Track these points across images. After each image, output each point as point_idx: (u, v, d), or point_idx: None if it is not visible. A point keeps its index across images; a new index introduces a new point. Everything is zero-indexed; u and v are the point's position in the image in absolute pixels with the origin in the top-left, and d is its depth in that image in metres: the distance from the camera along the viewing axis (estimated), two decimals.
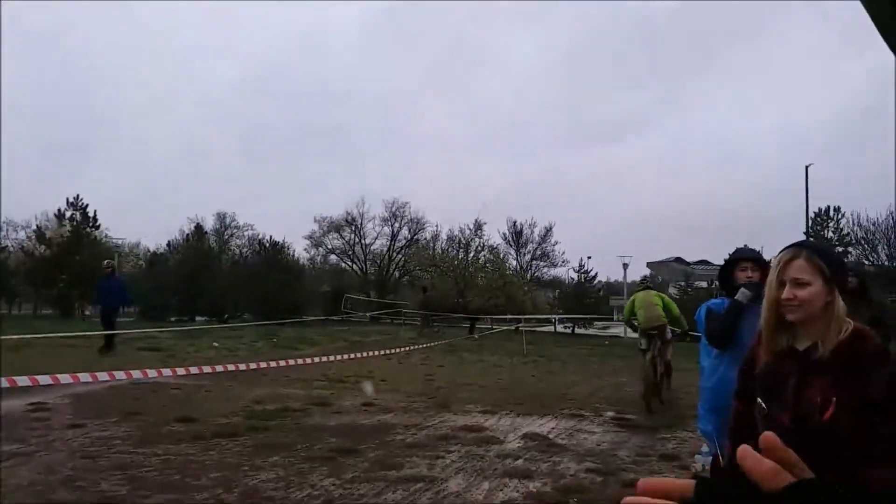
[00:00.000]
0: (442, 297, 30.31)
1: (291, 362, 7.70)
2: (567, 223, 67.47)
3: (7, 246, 38.75)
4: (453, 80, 72.29)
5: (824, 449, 1.73)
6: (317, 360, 8.19)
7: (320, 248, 45.48)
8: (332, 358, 8.31)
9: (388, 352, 9.63)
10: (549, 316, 29.70)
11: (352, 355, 8.68)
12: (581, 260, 37.82)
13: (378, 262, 46.36)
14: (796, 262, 1.88)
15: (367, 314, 30.47)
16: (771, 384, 1.94)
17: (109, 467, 5.03)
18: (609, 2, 74.73)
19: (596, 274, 38.44)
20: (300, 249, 43.51)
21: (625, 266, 34.03)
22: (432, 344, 12.57)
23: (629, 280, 37.15)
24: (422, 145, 67.11)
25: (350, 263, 46.56)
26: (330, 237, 45.14)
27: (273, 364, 7.65)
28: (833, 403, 1.76)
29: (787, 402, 1.87)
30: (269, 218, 63.43)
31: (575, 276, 38.37)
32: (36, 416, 6.92)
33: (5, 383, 5.36)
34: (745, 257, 3.52)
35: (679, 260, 44.61)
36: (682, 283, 33.32)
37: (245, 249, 41.16)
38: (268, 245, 38.80)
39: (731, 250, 3.87)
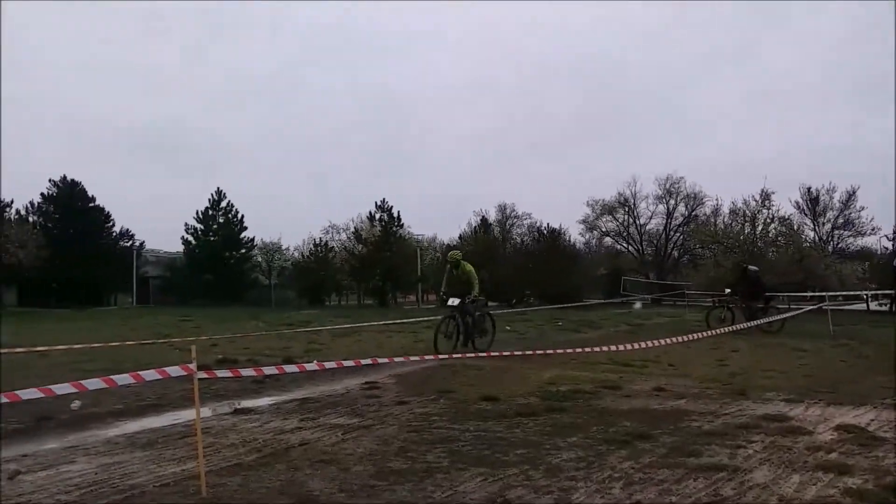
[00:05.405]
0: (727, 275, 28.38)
1: (578, 350, 8.08)
2: (873, 185, 58.22)
3: (333, 247, 47.30)
4: (737, 50, 66.91)
5: None
6: (604, 348, 8.46)
7: (595, 232, 45.72)
8: (618, 347, 8.53)
9: (680, 339, 9.51)
10: (858, 292, 26.06)
11: (640, 344, 8.78)
12: None
13: (654, 242, 45.07)
14: None
15: (649, 297, 29.82)
16: None
17: (432, 440, 5.79)
18: None
19: None
20: (575, 234, 44.36)
21: None
22: (725, 329, 11.96)
23: None
24: (696, 120, 63.25)
25: (625, 245, 45.96)
26: (604, 220, 45.10)
27: (569, 350, 8.11)
28: None
29: None
30: (544, 205, 65.38)
31: (889, 244, 33.32)
32: (370, 393, 8.22)
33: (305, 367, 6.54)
34: None
35: None
36: None
37: (525, 237, 43.48)
38: (546, 232, 40.14)
39: None
